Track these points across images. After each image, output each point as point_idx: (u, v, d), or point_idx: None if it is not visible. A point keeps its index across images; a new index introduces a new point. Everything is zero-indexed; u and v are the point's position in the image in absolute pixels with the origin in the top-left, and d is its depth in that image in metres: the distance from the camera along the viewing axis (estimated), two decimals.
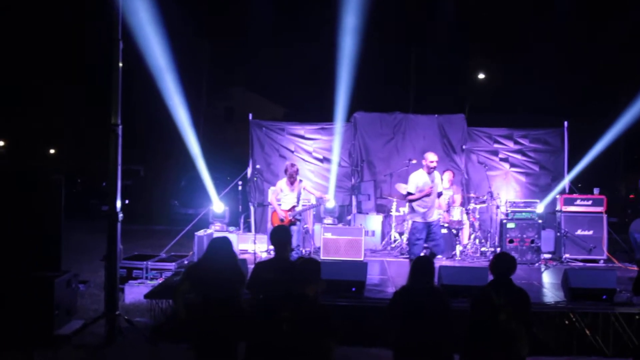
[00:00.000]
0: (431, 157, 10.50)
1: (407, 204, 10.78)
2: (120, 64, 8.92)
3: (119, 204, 8.86)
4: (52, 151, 42.60)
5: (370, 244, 13.90)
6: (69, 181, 25.73)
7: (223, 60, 30.66)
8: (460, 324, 5.99)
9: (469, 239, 13.68)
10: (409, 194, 10.45)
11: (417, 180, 10.44)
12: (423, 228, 10.42)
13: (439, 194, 10.94)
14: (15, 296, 8.57)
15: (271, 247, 6.77)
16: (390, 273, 11.53)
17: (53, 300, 8.62)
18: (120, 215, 8.84)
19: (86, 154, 33.29)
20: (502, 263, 6.20)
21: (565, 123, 15.19)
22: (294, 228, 11.32)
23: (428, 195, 10.37)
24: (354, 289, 9.13)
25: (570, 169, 14.94)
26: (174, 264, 11.61)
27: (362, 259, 12.39)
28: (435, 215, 10.68)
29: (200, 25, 25.24)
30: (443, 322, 5.77)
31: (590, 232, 13.34)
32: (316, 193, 12.23)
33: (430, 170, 10.49)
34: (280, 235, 6.49)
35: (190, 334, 6.10)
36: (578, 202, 13.56)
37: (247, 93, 35.79)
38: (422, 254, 9.98)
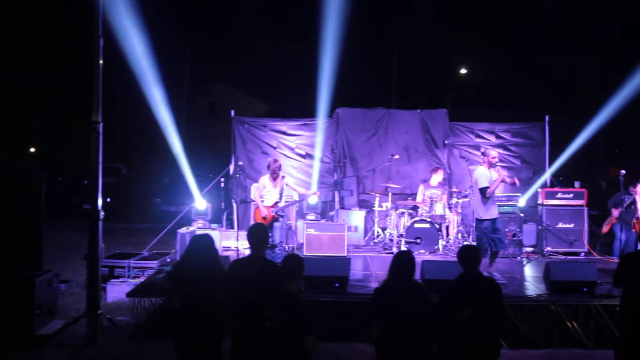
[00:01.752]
0: (493, 153, 10.62)
1: (478, 203, 10.48)
2: (101, 61, 8.87)
3: (100, 202, 8.82)
4: (32, 150, 42.29)
5: (353, 239, 13.90)
6: (49, 180, 25.53)
7: (205, 57, 30.58)
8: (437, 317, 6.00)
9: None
10: (485, 188, 10.30)
11: (486, 173, 10.41)
12: (491, 225, 10.42)
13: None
14: None
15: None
16: (373, 268, 11.55)
17: (34, 300, 8.57)
18: (102, 213, 8.80)
19: (67, 152, 33.09)
20: (467, 254, 6.20)
21: (547, 117, 15.27)
22: (276, 224, 11.30)
23: (502, 182, 10.52)
24: (337, 285, 9.17)
25: (551, 162, 15.02)
26: (156, 262, 11.59)
27: (345, 254, 12.41)
28: (497, 211, 10.66)
29: (181, 21, 25.16)
30: (425, 317, 5.76)
31: (572, 225, 13.44)
32: (300, 190, 12.23)
33: (491, 166, 10.50)
34: (257, 233, 6.43)
35: (173, 332, 6.08)
36: (559, 195, 13.65)
37: (230, 89, 35.57)
38: (403, 249, 9.97)
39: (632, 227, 12.19)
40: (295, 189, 12.06)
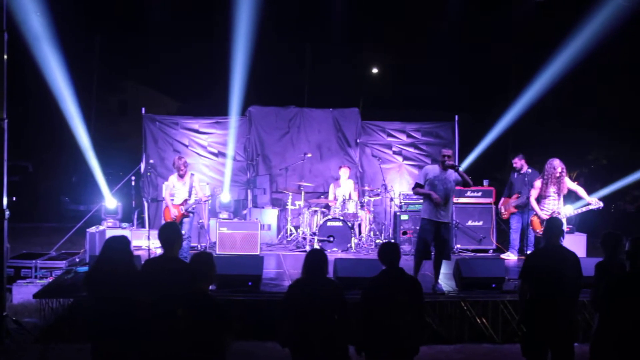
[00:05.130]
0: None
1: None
2: (5, 56, 8.62)
3: (5, 201, 8.58)
4: None
5: (266, 238, 13.89)
6: None
7: (115, 54, 30.05)
8: (356, 315, 6.04)
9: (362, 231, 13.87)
10: None
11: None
12: None
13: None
14: None
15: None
16: (286, 267, 11.58)
17: None
18: (7, 212, 8.56)
19: None
20: (390, 251, 6.25)
21: (456, 117, 15.60)
22: (186, 220, 11.22)
23: None
24: (250, 283, 9.19)
25: (460, 161, 15.32)
26: (64, 262, 11.32)
27: (258, 253, 12.40)
28: None
29: (90, 19, 24.65)
30: (338, 315, 5.81)
31: (480, 223, 13.75)
32: (200, 192, 11.79)
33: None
34: (168, 233, 6.31)
35: (89, 336, 5.94)
36: (468, 193, 13.90)
37: (141, 87, 35.05)
38: (316, 247, 9.99)
39: (530, 225, 11.78)
40: (198, 192, 11.76)
